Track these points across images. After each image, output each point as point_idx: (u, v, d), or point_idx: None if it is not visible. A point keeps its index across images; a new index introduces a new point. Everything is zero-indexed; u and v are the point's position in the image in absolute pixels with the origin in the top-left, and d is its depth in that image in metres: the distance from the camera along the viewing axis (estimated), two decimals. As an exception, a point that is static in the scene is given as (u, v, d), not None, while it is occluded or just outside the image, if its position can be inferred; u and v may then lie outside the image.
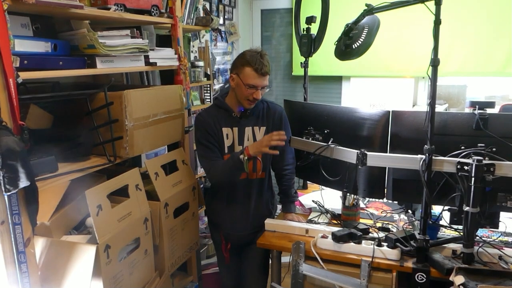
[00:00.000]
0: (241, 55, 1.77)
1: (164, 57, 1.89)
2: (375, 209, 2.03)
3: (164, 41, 2.11)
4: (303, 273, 1.66)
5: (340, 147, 1.69)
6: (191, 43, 2.82)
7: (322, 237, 1.67)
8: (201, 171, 2.57)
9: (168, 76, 2.09)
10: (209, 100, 2.84)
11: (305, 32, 2.22)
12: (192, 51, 2.83)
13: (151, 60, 1.78)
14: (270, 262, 1.95)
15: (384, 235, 1.63)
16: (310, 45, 2.16)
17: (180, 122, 1.93)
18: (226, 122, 1.83)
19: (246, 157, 1.69)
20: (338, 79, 3.47)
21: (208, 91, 2.88)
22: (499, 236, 1.68)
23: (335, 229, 1.70)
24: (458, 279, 1.28)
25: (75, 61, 1.46)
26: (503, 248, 1.55)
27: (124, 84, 2.11)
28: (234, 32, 3.48)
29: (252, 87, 1.73)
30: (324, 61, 3.20)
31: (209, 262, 2.60)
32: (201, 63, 2.62)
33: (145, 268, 1.56)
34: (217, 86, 3.30)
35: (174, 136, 1.90)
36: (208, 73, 2.76)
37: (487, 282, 1.27)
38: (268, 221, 1.86)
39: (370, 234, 1.69)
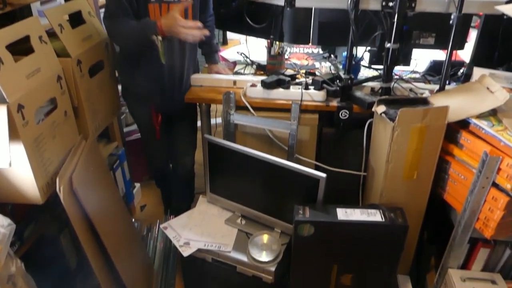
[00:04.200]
0: None
1: None
2: (297, 59, 2.05)
3: None
4: (234, 122, 1.69)
5: (267, -11, 1.58)
6: None
7: (252, 85, 1.67)
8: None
9: None
10: None
11: None
12: None
13: None
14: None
15: (311, 78, 1.68)
16: None
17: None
18: None
19: (160, 37, 1.43)
20: None
21: None
22: (410, 73, 1.84)
23: (263, 78, 1.70)
24: (380, 108, 1.41)
25: None
26: (413, 82, 1.72)
27: None
28: None
29: None
30: None
31: (130, 129, 2.52)
32: None
33: (68, 131, 1.43)
34: None
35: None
36: None
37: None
38: (194, 76, 1.78)
39: (297, 80, 1.73)
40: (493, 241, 1.38)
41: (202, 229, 1.67)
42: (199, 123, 1.94)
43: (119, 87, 1.89)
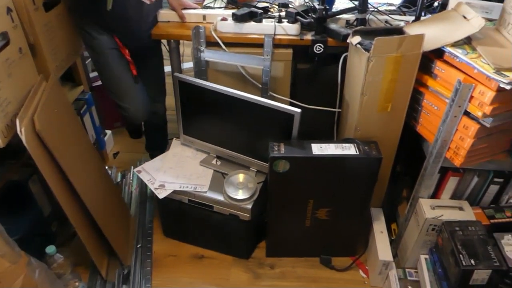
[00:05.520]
0: None
1: None
2: (270, -6, 1.95)
3: None
4: (205, 59, 1.62)
5: None
6: None
7: (222, 19, 1.58)
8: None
9: None
10: None
11: None
12: None
13: None
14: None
15: (284, 11, 1.61)
16: None
17: None
18: None
19: None
20: None
21: None
22: (385, 5, 1.78)
23: (234, 11, 1.61)
24: (355, 39, 1.36)
25: None
26: (389, 15, 1.67)
27: None
28: None
29: None
30: None
31: (96, 75, 2.39)
32: None
33: (25, 69, 1.33)
34: None
35: None
36: None
37: (379, 40, 1.38)
38: (161, 11, 1.67)
39: (270, 13, 1.65)
40: (462, 169, 1.41)
41: (177, 171, 1.64)
42: (166, 69, 1.84)
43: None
